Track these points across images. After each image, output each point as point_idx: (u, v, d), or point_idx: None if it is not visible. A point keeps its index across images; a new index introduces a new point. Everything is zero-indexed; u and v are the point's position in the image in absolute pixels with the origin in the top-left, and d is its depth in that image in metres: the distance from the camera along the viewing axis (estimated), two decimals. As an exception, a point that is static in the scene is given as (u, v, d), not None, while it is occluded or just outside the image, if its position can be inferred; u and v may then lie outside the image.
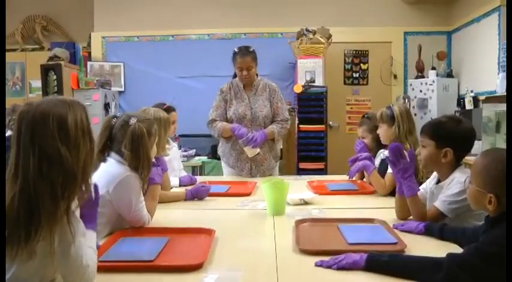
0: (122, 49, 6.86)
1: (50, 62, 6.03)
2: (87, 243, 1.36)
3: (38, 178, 1.27)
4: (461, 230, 1.77)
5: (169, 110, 3.37)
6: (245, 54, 3.48)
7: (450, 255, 1.39)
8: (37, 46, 7.07)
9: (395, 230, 1.94)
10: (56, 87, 5.99)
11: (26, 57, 6.90)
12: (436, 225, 1.85)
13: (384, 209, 2.34)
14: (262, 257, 1.67)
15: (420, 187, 2.19)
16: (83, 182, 1.36)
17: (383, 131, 2.85)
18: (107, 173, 2.00)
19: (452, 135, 1.98)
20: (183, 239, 1.88)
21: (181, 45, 6.85)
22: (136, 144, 2.04)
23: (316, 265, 1.54)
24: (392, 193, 2.46)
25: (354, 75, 6.49)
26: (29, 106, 1.35)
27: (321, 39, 5.59)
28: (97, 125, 6.32)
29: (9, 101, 6.83)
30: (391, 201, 2.30)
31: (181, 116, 6.42)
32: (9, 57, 6.93)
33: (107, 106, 6.47)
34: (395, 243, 1.74)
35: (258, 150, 3.46)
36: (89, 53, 6.89)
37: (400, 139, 2.69)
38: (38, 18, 7.09)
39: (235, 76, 3.64)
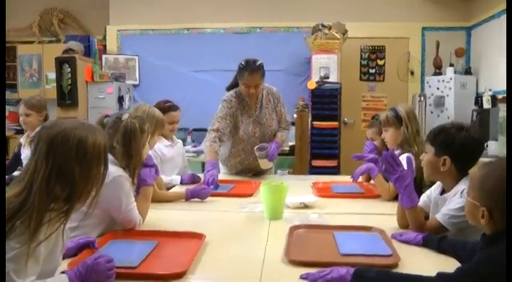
0: (136, 42, 6.85)
1: (64, 55, 6.05)
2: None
3: (42, 191, 1.33)
4: (461, 243, 1.68)
5: (172, 108, 3.33)
6: (254, 71, 3.21)
7: (440, 275, 1.31)
8: (54, 38, 7.11)
9: (393, 240, 1.87)
10: (70, 80, 6.02)
11: (42, 50, 6.94)
12: (435, 237, 1.76)
13: (386, 216, 2.26)
14: (248, 267, 1.61)
15: (424, 194, 2.10)
16: (83, 200, 1.45)
17: (389, 135, 2.76)
18: (98, 173, 1.96)
19: (450, 143, 1.87)
20: (172, 243, 1.84)
21: (196, 38, 6.81)
22: (128, 139, 2.02)
23: (301, 277, 1.48)
24: (397, 197, 2.38)
25: (370, 71, 6.37)
26: (52, 122, 1.46)
27: (336, 34, 5.48)
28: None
29: (26, 92, 6.92)
30: (395, 207, 2.21)
31: (195, 110, 6.45)
32: (27, 49, 6.99)
33: (120, 99, 6.47)
34: (389, 256, 1.66)
35: (272, 163, 3.39)
36: (104, 46, 6.91)
37: (408, 141, 2.60)
38: (55, 11, 7.11)
39: (236, 85, 3.41)
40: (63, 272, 1.40)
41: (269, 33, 6.64)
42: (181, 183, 3.19)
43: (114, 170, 1.96)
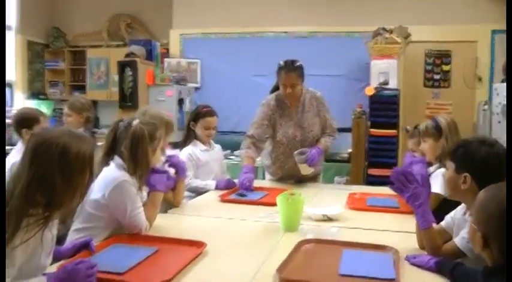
0: (199, 46, 6.95)
1: (126, 59, 6.25)
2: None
3: (22, 196, 1.35)
4: (473, 272, 1.47)
5: (208, 114, 3.31)
6: (290, 70, 3.20)
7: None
8: (121, 42, 7.38)
9: (406, 262, 1.71)
10: (131, 83, 6.20)
11: (110, 53, 7.24)
12: (449, 263, 1.57)
13: (412, 234, 2.07)
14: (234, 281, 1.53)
15: (448, 215, 1.90)
16: (65, 208, 1.47)
17: (428, 146, 2.57)
18: (105, 177, 1.98)
19: (471, 158, 1.67)
20: (170, 250, 1.81)
21: (257, 42, 6.80)
22: (135, 145, 2.01)
23: (283, 298, 1.38)
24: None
25: (435, 77, 6.02)
26: (42, 130, 1.55)
27: (397, 38, 5.24)
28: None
29: (93, 94, 7.28)
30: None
31: (254, 114, 6.44)
32: (95, 53, 7.35)
33: (180, 102, 6.58)
34: (391, 280, 1.51)
35: (313, 169, 3.28)
36: (167, 50, 7.07)
37: (446, 155, 2.38)
38: (123, 16, 7.41)
39: (277, 88, 3.39)
40: (44, 274, 1.40)
41: (330, 38, 6.49)
42: (216, 188, 3.16)
43: (119, 175, 1.96)
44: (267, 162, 3.53)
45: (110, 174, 1.98)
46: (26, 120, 2.96)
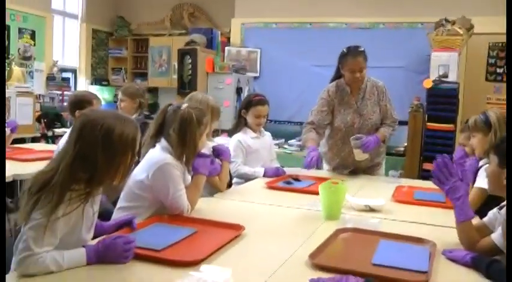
0: (259, 35, 6.98)
1: (186, 47, 6.39)
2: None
3: (66, 171, 1.44)
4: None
5: (260, 102, 3.33)
6: (357, 55, 3.21)
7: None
8: (183, 31, 7.55)
9: (443, 256, 1.68)
10: (190, 70, 6.35)
11: (172, 42, 7.42)
12: (485, 260, 1.53)
13: (455, 229, 2.03)
14: (266, 264, 1.55)
15: (491, 211, 1.85)
16: (107, 185, 1.56)
17: (477, 141, 2.49)
18: (150, 159, 2.06)
19: None
20: (209, 232, 1.86)
21: (318, 33, 6.75)
22: (183, 128, 2.07)
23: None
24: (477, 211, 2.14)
25: (498, 70, 5.74)
26: (90, 111, 1.65)
27: (458, 30, 5.04)
28: (228, 107, 6.64)
29: (154, 81, 7.51)
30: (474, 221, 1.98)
31: (312, 104, 6.43)
32: (157, 41, 7.55)
33: (239, 90, 6.66)
34: (423, 273, 1.49)
35: (367, 155, 3.26)
36: (228, 39, 7.16)
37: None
38: (186, 6, 7.57)
39: (337, 78, 3.40)
40: (84, 246, 1.49)
41: (392, 29, 6.35)
42: (265, 175, 3.21)
43: (163, 158, 2.03)
44: (324, 149, 3.54)
45: (155, 157, 2.05)
46: (80, 102, 3.11)
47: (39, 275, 1.36)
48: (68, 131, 3.11)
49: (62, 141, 2.83)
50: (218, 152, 2.59)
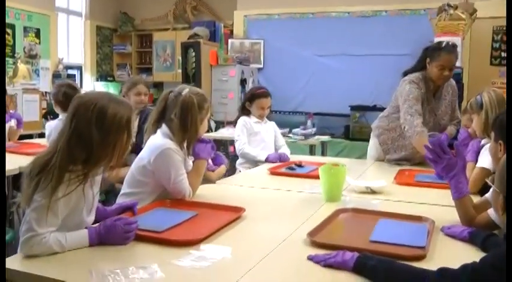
0: (262, 26, 7.01)
1: (189, 40, 6.42)
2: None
3: (64, 151, 1.47)
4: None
5: (262, 95, 3.47)
6: (452, 52, 3.03)
7: (441, 270, 1.17)
8: (186, 25, 7.58)
9: (441, 233, 1.70)
10: (194, 64, 6.37)
11: (175, 36, 7.46)
12: (482, 234, 1.54)
13: (454, 208, 2.04)
14: (265, 243, 1.57)
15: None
16: (103, 165, 1.57)
17: (474, 122, 2.49)
18: (151, 144, 2.09)
19: (503, 125, 1.62)
20: (209, 215, 1.88)
21: (320, 22, 6.77)
22: (185, 113, 2.09)
23: (308, 258, 1.41)
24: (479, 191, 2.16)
25: (503, 54, 5.71)
26: (84, 93, 1.67)
27: (461, 15, 5.02)
28: (232, 99, 6.65)
29: (159, 76, 7.54)
30: (475, 199, 1.98)
31: (317, 94, 6.41)
32: (161, 36, 7.59)
33: (243, 82, 6.69)
34: (420, 248, 1.51)
35: None
36: (231, 31, 7.18)
37: (488, 129, 2.31)
38: (189, -1, 7.59)
39: (417, 70, 3.18)
40: (86, 228, 1.53)
41: (395, 16, 6.35)
42: (266, 160, 3.25)
43: (164, 143, 2.06)
44: (386, 146, 3.38)
45: (156, 142, 2.08)
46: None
47: (42, 255, 1.39)
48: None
49: (50, 123, 3.18)
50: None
